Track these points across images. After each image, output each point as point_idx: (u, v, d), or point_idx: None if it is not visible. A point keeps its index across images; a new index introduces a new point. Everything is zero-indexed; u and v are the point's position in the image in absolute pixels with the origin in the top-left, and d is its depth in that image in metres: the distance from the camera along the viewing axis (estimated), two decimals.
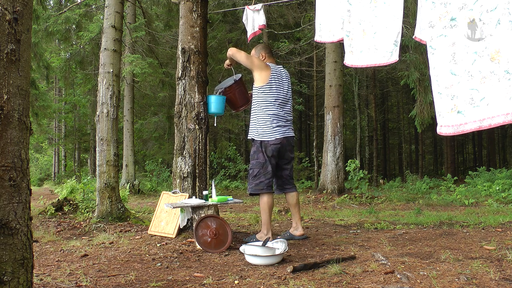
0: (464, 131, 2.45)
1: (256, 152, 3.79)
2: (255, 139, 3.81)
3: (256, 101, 3.84)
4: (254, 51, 4.03)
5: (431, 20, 2.61)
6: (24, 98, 1.59)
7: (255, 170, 3.77)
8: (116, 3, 5.33)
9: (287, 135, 3.80)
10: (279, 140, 3.75)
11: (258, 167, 3.76)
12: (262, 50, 3.98)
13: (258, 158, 3.77)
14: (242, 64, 3.90)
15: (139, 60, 10.44)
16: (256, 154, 3.78)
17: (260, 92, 3.81)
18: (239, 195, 11.02)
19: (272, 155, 3.74)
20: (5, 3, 1.52)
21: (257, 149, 3.78)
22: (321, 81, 14.05)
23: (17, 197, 1.56)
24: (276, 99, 3.79)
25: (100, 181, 4.90)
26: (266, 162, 3.74)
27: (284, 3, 10.93)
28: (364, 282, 2.40)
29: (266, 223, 3.73)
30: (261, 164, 3.75)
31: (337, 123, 9.39)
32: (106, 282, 2.52)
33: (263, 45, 4.10)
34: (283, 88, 3.87)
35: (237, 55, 3.86)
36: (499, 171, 11.71)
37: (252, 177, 3.79)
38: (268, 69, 3.83)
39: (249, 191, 3.82)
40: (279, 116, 3.78)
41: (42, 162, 27.97)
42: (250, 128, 3.90)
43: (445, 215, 5.66)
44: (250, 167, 3.85)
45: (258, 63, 3.82)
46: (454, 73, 2.49)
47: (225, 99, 4.24)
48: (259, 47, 4.03)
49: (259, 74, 3.81)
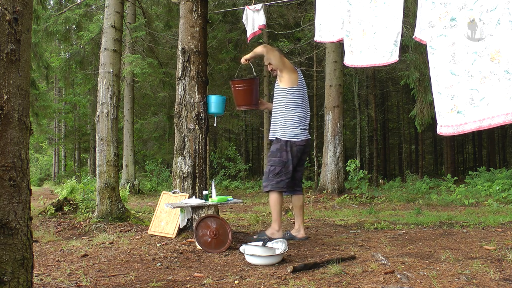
0: (464, 131, 2.45)
1: (279, 150, 3.78)
2: (281, 138, 3.79)
3: (285, 101, 3.84)
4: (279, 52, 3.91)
5: (431, 20, 2.61)
6: (24, 98, 1.59)
7: (277, 168, 3.76)
8: (116, 3, 5.33)
9: (308, 138, 3.90)
10: (304, 142, 3.83)
11: (281, 165, 3.76)
12: (280, 53, 3.90)
13: (282, 156, 3.76)
14: (272, 62, 3.86)
15: (139, 60, 10.44)
16: (280, 152, 3.77)
17: (289, 93, 3.82)
18: (239, 195, 11.02)
19: (296, 156, 3.79)
20: (5, 3, 1.52)
21: (281, 147, 3.77)
22: (321, 81, 14.05)
23: (17, 197, 1.56)
24: (302, 101, 3.87)
25: (100, 181, 4.90)
26: (288, 162, 3.76)
27: (284, 3, 10.93)
28: (364, 282, 2.40)
29: (278, 219, 3.79)
30: (283, 162, 3.76)
31: (337, 123, 9.39)
32: (106, 282, 2.52)
33: (278, 48, 4.03)
34: (306, 93, 3.97)
35: (271, 54, 3.81)
36: (499, 171, 11.71)
37: (273, 174, 3.76)
38: (296, 72, 3.88)
39: (269, 188, 3.78)
40: (305, 119, 3.87)
41: (42, 162, 27.97)
42: (274, 128, 3.88)
43: (445, 215, 5.66)
44: (271, 164, 3.81)
45: (290, 65, 3.85)
46: (454, 73, 2.49)
47: (225, 99, 4.24)
48: (277, 50, 3.92)
49: (289, 76, 3.83)
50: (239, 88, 4.02)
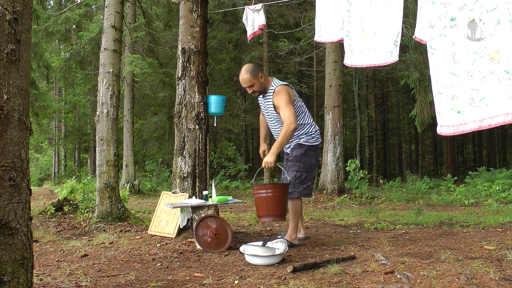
0: (464, 131, 2.45)
1: (304, 155, 3.70)
2: (305, 144, 3.71)
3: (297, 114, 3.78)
4: (251, 75, 3.60)
5: (431, 20, 2.61)
6: (24, 98, 1.59)
7: (303, 173, 3.69)
8: (116, 3, 5.33)
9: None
10: (321, 144, 3.87)
11: (306, 171, 3.71)
12: (258, 70, 3.65)
13: (306, 162, 3.70)
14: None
15: (139, 60, 10.45)
16: (304, 158, 3.70)
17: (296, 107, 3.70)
18: (239, 195, 11.02)
19: (317, 159, 3.80)
20: (5, 3, 1.52)
21: (305, 152, 3.70)
22: (321, 81, 14.05)
23: (17, 197, 1.56)
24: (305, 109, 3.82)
25: (100, 181, 4.90)
26: (312, 166, 3.73)
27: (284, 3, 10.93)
28: (364, 282, 2.40)
29: (296, 227, 3.70)
30: (309, 168, 3.71)
31: (337, 123, 9.39)
32: (106, 282, 2.52)
33: (254, 65, 3.71)
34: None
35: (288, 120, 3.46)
36: (499, 171, 11.71)
37: (300, 180, 3.65)
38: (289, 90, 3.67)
39: (296, 195, 3.66)
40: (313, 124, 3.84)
41: (42, 162, 27.99)
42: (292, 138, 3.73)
43: (445, 215, 5.66)
44: (296, 170, 3.67)
45: (291, 98, 3.62)
46: (454, 73, 2.49)
47: (225, 99, 4.24)
48: (253, 69, 3.63)
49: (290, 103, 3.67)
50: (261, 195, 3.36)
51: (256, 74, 3.62)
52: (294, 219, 3.66)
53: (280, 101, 3.56)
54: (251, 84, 3.63)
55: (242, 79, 3.66)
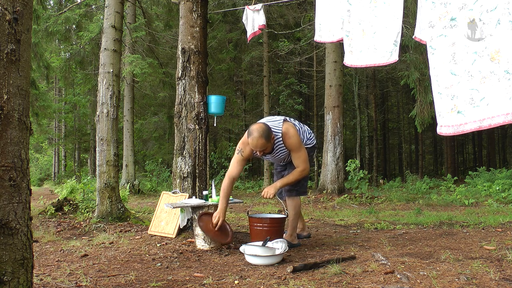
0: (464, 131, 2.45)
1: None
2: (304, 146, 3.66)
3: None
4: (266, 140, 3.26)
5: (431, 20, 2.61)
6: (24, 98, 1.59)
7: None
8: (116, 3, 5.33)
9: None
10: (317, 144, 3.85)
11: None
12: (271, 132, 3.33)
13: None
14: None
15: (139, 60, 10.44)
16: None
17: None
18: (239, 195, 11.02)
19: (312, 158, 3.79)
20: (5, 3, 1.52)
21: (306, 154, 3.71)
22: (321, 81, 14.05)
23: (17, 197, 1.56)
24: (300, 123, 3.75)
25: (100, 181, 4.90)
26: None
27: (284, 3, 10.94)
28: (364, 282, 2.40)
29: (296, 226, 3.70)
30: None
31: (337, 123, 9.39)
32: (106, 282, 2.52)
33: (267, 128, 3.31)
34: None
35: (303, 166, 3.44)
36: (499, 171, 11.72)
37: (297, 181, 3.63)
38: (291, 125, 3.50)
39: (294, 193, 3.65)
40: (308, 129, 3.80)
41: (42, 162, 27.99)
42: None
43: (445, 215, 5.66)
44: None
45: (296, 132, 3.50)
46: (454, 73, 2.49)
47: (225, 99, 4.24)
48: (267, 133, 3.27)
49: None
50: (257, 228, 3.42)
51: (270, 137, 3.28)
52: (294, 218, 3.66)
53: (292, 145, 3.40)
54: (265, 148, 3.32)
55: (255, 144, 3.24)
